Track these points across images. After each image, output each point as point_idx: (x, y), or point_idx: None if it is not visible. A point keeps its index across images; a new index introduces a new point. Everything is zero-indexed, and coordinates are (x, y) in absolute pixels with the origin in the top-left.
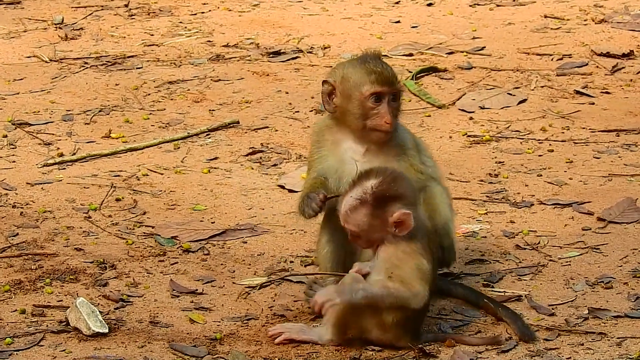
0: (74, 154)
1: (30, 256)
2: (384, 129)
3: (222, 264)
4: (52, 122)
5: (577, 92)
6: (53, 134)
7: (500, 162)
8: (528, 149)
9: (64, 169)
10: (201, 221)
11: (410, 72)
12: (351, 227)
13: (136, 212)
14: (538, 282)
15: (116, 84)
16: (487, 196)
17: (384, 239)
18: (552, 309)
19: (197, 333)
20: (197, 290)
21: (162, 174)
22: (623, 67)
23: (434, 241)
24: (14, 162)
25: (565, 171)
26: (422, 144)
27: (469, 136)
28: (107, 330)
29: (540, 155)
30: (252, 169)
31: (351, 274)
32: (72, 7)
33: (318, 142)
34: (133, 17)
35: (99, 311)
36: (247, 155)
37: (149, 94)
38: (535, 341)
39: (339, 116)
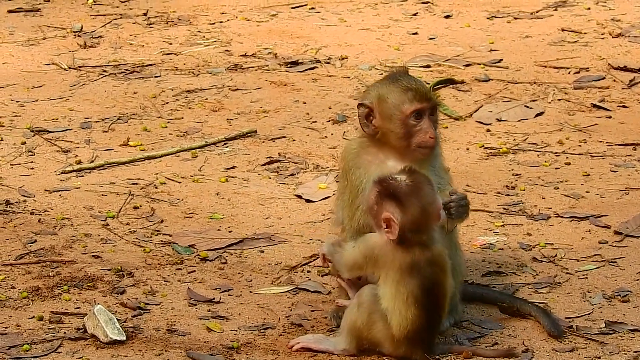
0: (92, 161)
1: (48, 263)
2: (429, 144)
3: (239, 273)
4: (70, 129)
5: (594, 106)
6: (71, 142)
7: (517, 175)
8: (545, 161)
9: (82, 176)
10: (218, 230)
11: (427, 83)
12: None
13: (154, 220)
14: (555, 295)
15: (134, 92)
16: (504, 208)
17: (377, 230)
18: (569, 321)
19: (214, 342)
20: (214, 298)
21: (179, 182)
22: None
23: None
24: (32, 169)
25: (582, 184)
26: None
27: (486, 148)
28: (124, 338)
29: (557, 168)
30: (270, 178)
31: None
32: (91, 15)
33: (354, 163)
34: (152, 25)
35: (117, 319)
36: (264, 164)
37: (167, 103)
38: (562, 338)
39: (381, 137)
